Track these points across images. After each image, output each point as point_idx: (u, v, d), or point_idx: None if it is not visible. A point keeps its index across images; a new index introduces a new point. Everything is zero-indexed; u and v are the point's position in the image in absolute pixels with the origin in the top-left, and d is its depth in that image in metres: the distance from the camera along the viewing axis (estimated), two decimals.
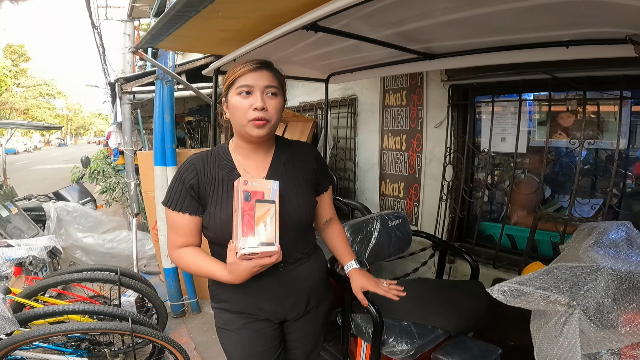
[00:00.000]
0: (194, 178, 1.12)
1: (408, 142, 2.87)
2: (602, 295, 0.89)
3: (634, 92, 1.84)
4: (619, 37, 1.19)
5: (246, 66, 1.09)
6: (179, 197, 1.12)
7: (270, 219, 1.00)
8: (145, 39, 1.75)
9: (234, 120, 1.12)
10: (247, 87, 1.08)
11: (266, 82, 1.09)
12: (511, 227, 2.41)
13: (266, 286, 1.17)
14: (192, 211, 1.12)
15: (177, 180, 1.14)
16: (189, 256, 1.14)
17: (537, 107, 2.24)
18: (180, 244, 1.16)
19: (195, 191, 1.12)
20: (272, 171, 1.19)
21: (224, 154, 1.18)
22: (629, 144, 1.92)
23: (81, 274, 2.19)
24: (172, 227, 1.17)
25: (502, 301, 0.94)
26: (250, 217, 0.97)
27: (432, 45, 1.73)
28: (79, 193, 4.68)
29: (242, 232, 0.96)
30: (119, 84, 4.08)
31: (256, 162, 1.19)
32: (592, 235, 1.13)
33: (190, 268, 1.16)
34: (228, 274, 1.04)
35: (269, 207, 1.00)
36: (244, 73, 1.08)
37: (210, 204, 1.13)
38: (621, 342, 0.90)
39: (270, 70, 1.12)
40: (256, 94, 1.08)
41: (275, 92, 1.11)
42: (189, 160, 1.17)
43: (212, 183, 1.13)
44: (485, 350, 1.56)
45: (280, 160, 1.21)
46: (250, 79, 1.08)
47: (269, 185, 1.02)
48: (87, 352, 2.01)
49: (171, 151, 2.75)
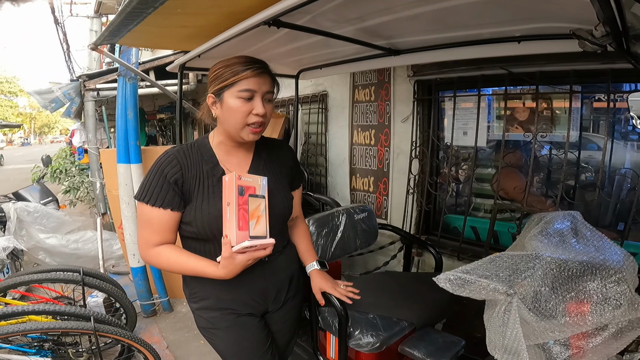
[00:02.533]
0: (178, 172, 1.09)
1: (377, 137, 2.92)
2: (539, 283, 0.90)
3: (583, 86, 1.94)
4: (565, 32, 1.26)
5: (250, 69, 1.06)
6: (160, 191, 1.08)
7: (261, 213, 1.03)
8: (103, 35, 1.70)
9: (228, 122, 1.10)
10: (251, 92, 1.06)
11: (267, 88, 1.09)
12: (474, 219, 2.50)
13: (250, 278, 1.17)
14: (174, 206, 1.09)
15: (158, 174, 1.09)
16: (168, 254, 1.11)
17: (496, 102, 2.33)
18: (157, 241, 1.11)
19: (179, 186, 1.09)
20: (254, 168, 1.20)
21: (205, 149, 1.17)
22: (580, 137, 2.04)
23: (42, 275, 2.12)
24: (147, 223, 1.11)
25: (449, 290, 0.94)
26: (244, 211, 0.99)
27: (396, 41, 1.77)
28: (40, 193, 4.48)
29: (237, 226, 0.97)
30: (82, 81, 3.96)
31: (238, 159, 1.19)
32: (539, 224, 1.15)
33: (171, 267, 1.12)
34: (220, 269, 1.02)
35: (260, 201, 1.03)
36: (247, 77, 1.06)
37: (195, 199, 1.10)
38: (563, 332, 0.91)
39: (270, 75, 1.12)
40: (257, 99, 1.07)
41: (271, 97, 1.12)
42: (169, 153, 1.12)
43: (197, 178, 1.11)
44: (449, 342, 1.60)
45: (261, 158, 1.23)
46: (254, 84, 1.07)
47: (260, 181, 1.04)
48: (51, 352, 1.96)
49: (135, 148, 2.69)
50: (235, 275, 1.03)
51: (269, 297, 1.24)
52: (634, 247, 1.80)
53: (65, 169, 5.09)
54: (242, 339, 1.21)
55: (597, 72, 1.77)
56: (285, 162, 1.30)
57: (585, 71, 1.82)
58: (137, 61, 2.74)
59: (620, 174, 2.05)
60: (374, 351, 1.50)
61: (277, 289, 1.26)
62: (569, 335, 0.92)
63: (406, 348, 1.58)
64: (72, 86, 4.04)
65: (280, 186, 1.23)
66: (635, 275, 0.92)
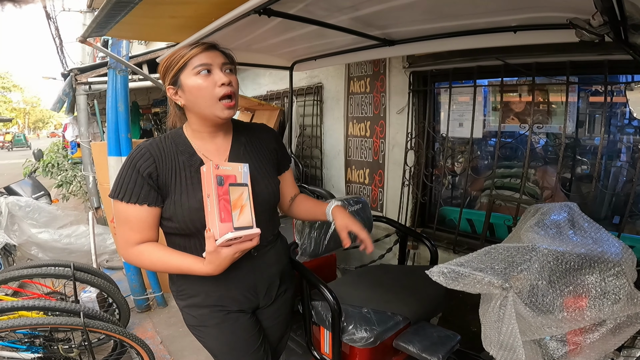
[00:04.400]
0: (152, 166, 1.03)
1: (372, 129, 2.89)
2: (536, 277, 0.86)
3: (580, 78, 1.91)
4: (562, 22, 1.23)
5: (196, 47, 1.04)
6: (134, 187, 1.02)
7: (245, 202, 0.98)
8: (91, 27, 1.66)
9: (197, 104, 1.05)
10: (206, 66, 1.03)
11: (222, 60, 1.06)
12: (470, 211, 2.49)
13: (239, 274, 1.13)
14: (150, 202, 1.04)
15: (130, 169, 1.03)
16: (151, 253, 1.06)
17: (492, 93, 2.31)
18: (137, 240, 1.06)
19: (154, 180, 1.04)
20: (233, 154, 1.15)
21: (180, 139, 1.11)
22: (577, 129, 2.02)
23: (32, 270, 2.09)
24: (125, 222, 1.05)
25: (443, 284, 0.90)
26: (226, 202, 0.94)
27: (391, 32, 1.74)
28: (32, 187, 4.43)
29: (220, 218, 0.92)
30: (73, 75, 3.91)
31: (215, 145, 1.14)
32: (536, 215, 1.11)
33: (155, 266, 1.09)
34: (207, 264, 0.98)
35: (242, 190, 0.98)
36: (197, 53, 1.03)
37: (173, 192, 1.05)
38: (560, 328, 0.88)
39: (220, 50, 1.09)
40: (216, 70, 1.04)
41: (231, 68, 1.08)
42: (141, 147, 1.07)
43: (173, 170, 1.06)
44: (444, 337, 1.58)
45: (240, 143, 1.18)
46: (206, 58, 1.03)
47: (240, 168, 0.99)
48: (42, 348, 1.95)
49: (126, 141, 2.66)
50: (223, 271, 0.99)
51: (259, 292, 1.20)
52: (630, 240, 1.79)
53: (57, 163, 5.03)
54: (233, 336, 1.18)
55: (594, 64, 1.75)
56: (268, 145, 1.24)
57: (582, 62, 1.79)
58: (127, 53, 2.70)
59: (617, 167, 2.04)
60: (368, 346, 1.48)
61: (268, 284, 1.22)
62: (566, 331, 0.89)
63: (401, 343, 1.56)
64: (66, 81, 4.00)
65: (264, 171, 1.18)
66: (634, 269, 0.90)
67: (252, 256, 1.13)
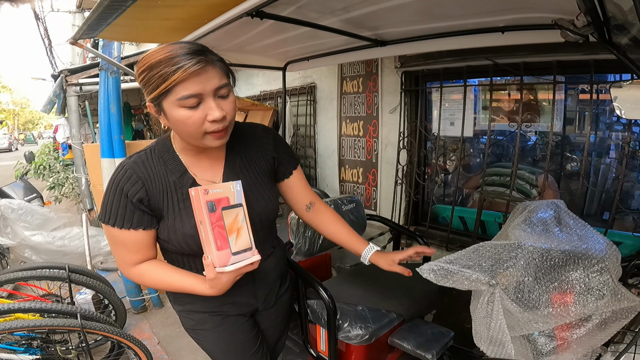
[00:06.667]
0: (141, 190, 0.93)
1: (365, 128, 2.92)
2: (522, 273, 0.87)
3: (566, 77, 1.96)
4: (547, 23, 1.26)
5: (181, 68, 0.80)
6: (125, 213, 0.93)
7: (241, 224, 0.91)
8: (82, 29, 1.66)
9: (182, 134, 0.92)
10: (196, 97, 0.83)
11: (216, 83, 0.85)
12: (462, 209, 2.52)
13: (240, 283, 1.07)
14: (145, 225, 0.96)
15: (117, 194, 0.93)
16: (152, 273, 1.01)
17: (482, 93, 2.34)
18: (136, 260, 1.00)
19: (145, 204, 0.95)
20: (229, 169, 1.04)
21: (169, 155, 0.99)
22: (564, 127, 2.06)
23: (27, 272, 2.08)
24: (121, 245, 0.98)
25: (433, 281, 0.90)
26: (220, 229, 0.87)
27: (382, 32, 1.76)
28: (24, 190, 4.39)
29: (216, 247, 0.86)
30: (64, 76, 3.89)
31: (209, 159, 1.02)
32: (523, 213, 1.10)
33: (156, 285, 1.03)
34: (209, 288, 0.93)
35: (237, 211, 0.90)
36: (184, 79, 0.81)
37: (166, 217, 0.97)
38: (547, 323, 0.89)
39: (215, 65, 0.86)
40: (208, 101, 0.85)
41: (227, 91, 0.89)
42: (126, 167, 0.95)
43: (163, 192, 0.96)
44: (438, 333, 1.60)
45: (236, 154, 1.06)
46: (195, 85, 0.82)
47: (232, 188, 0.90)
48: (40, 350, 1.94)
49: (119, 142, 2.66)
50: (226, 291, 0.95)
51: (259, 297, 1.18)
52: (619, 237, 1.83)
53: (49, 165, 4.99)
54: (231, 339, 1.16)
55: (580, 63, 1.79)
56: (266, 151, 1.12)
57: (568, 62, 1.83)
58: (119, 55, 2.70)
59: (606, 164, 2.08)
60: (364, 343, 1.50)
61: (268, 289, 1.20)
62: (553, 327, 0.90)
63: (395, 340, 1.59)
64: (57, 83, 3.97)
65: (262, 184, 1.09)
66: (618, 265, 0.92)
67: None
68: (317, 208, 1.26)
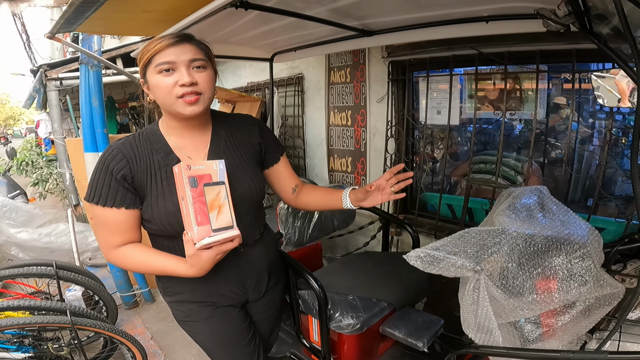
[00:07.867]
0: (125, 167, 0.99)
1: (353, 118, 2.92)
2: (506, 259, 0.87)
3: (549, 66, 1.99)
4: (530, 12, 1.27)
5: (163, 41, 0.96)
6: (109, 190, 0.98)
7: (223, 201, 0.93)
8: (59, 23, 1.61)
9: (160, 101, 1.01)
10: (168, 64, 0.96)
11: (190, 56, 0.97)
12: (450, 196, 2.55)
13: (226, 270, 1.11)
14: (128, 204, 1.00)
15: (102, 172, 0.99)
16: (134, 255, 1.03)
17: (467, 82, 2.36)
18: (119, 242, 1.03)
19: (129, 182, 0.99)
20: (213, 149, 1.09)
21: (155, 137, 1.06)
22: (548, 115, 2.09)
23: (14, 270, 2.06)
24: (104, 226, 1.02)
25: (420, 268, 0.90)
26: (202, 204, 0.89)
27: (369, 22, 1.75)
28: (7, 186, 4.31)
29: (196, 222, 0.88)
30: (43, 71, 3.79)
31: (193, 141, 1.08)
32: (508, 199, 1.11)
33: (138, 268, 1.06)
34: (189, 268, 0.95)
35: (219, 189, 0.93)
36: (161, 49, 0.96)
37: (149, 195, 1.01)
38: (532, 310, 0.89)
39: (192, 43, 1.00)
40: (180, 69, 0.96)
41: (202, 64, 0.99)
42: (112, 147, 1.01)
43: (148, 171, 1.01)
44: (429, 321, 1.63)
45: (221, 137, 1.12)
46: (170, 55, 0.96)
47: (215, 166, 0.94)
48: (32, 348, 1.94)
49: (102, 136, 2.62)
50: (207, 272, 0.97)
51: (248, 287, 1.19)
52: (602, 222, 1.86)
53: (31, 161, 4.88)
54: (223, 331, 1.17)
55: (562, 52, 1.81)
56: (252, 138, 1.18)
57: (551, 51, 1.85)
58: (99, 48, 2.63)
59: (589, 151, 2.12)
60: (355, 332, 1.52)
61: (257, 278, 1.21)
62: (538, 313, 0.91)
63: (387, 328, 1.61)
64: (37, 78, 3.87)
65: (246, 167, 1.13)
66: (601, 251, 0.93)
67: (238, 252, 1.10)
68: (301, 188, 1.33)
